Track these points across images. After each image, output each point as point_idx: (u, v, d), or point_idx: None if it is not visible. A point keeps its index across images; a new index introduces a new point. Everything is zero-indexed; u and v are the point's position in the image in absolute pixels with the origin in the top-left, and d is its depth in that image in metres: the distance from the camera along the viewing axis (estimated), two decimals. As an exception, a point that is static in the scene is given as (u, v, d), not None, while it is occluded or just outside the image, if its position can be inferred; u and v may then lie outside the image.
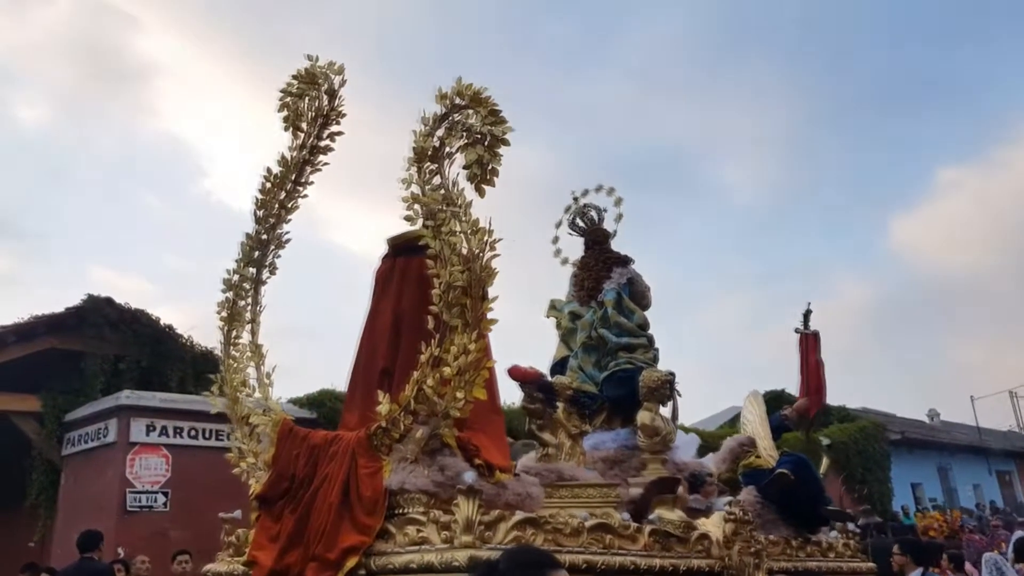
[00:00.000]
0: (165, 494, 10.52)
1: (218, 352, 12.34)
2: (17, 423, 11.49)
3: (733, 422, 21.22)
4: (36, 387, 11.48)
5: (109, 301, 11.78)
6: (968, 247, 55.74)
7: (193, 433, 10.86)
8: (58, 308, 11.56)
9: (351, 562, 3.69)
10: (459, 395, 3.78)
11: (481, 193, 3.94)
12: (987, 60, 53.51)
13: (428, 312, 3.87)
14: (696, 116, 52.03)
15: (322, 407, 11.95)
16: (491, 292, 3.87)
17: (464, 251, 3.85)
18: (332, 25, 45.39)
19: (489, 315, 3.87)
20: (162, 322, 12.34)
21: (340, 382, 12.97)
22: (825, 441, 16.05)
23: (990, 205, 54.72)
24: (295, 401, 11.88)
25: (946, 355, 54.35)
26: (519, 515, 3.74)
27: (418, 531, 3.68)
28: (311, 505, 3.96)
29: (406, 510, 3.80)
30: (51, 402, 11.45)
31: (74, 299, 11.71)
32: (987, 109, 53.06)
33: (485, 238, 3.84)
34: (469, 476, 3.66)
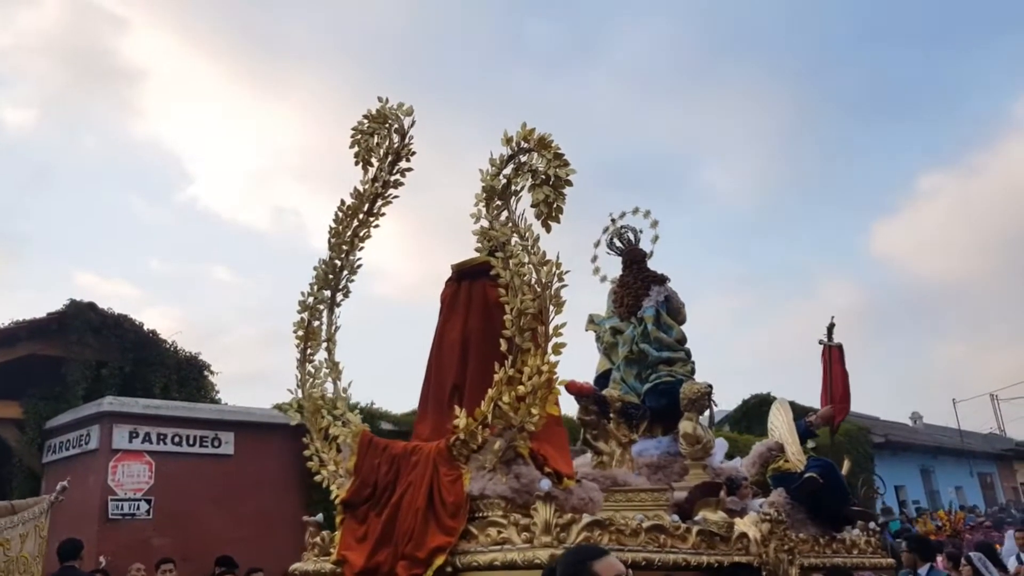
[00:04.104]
0: (148, 501, 10.69)
1: (203, 357, 12.68)
2: (-3, 430, 11.77)
3: (722, 424, 22.16)
4: (17, 393, 11.69)
5: (91, 306, 12.08)
6: (948, 251, 57.90)
7: (177, 440, 11.09)
8: (39, 313, 11.90)
9: (439, 560, 4.42)
10: (534, 411, 4.51)
11: (548, 229, 4.67)
12: (964, 66, 55.61)
13: (499, 334, 4.61)
14: (681, 119, 53.22)
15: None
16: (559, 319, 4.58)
17: (532, 280, 4.58)
18: (318, 26, 45.58)
19: (558, 340, 4.58)
20: (145, 327, 12.65)
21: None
22: (810, 444, 16.98)
23: (969, 210, 56.85)
24: (281, 408, 12.15)
25: (928, 359, 56.49)
26: (587, 518, 4.50)
27: (499, 532, 4.42)
28: (397, 509, 4.70)
29: (487, 514, 4.54)
30: (32, 409, 11.68)
31: (56, 304, 12.03)
32: (965, 115, 55.19)
33: (554, 270, 4.56)
34: (545, 484, 4.41)
